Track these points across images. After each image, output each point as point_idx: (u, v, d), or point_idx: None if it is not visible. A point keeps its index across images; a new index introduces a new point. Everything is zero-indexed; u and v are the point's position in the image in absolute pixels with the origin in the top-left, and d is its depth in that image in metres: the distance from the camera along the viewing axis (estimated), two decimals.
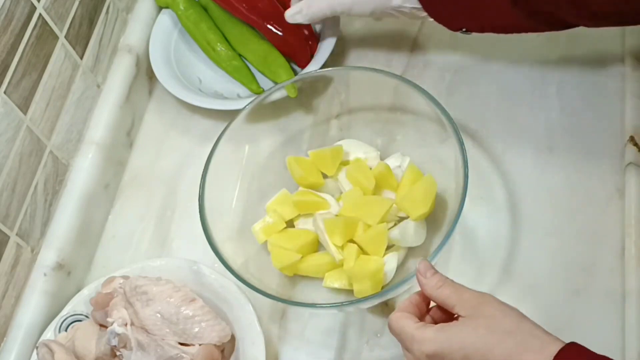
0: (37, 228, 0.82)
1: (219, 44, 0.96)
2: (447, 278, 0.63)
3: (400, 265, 0.77)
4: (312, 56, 0.91)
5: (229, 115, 0.83)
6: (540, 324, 0.72)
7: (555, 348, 0.55)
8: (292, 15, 0.86)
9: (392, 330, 0.63)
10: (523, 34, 0.77)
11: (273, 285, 0.78)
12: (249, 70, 0.95)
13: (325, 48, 0.91)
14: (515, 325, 0.58)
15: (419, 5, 0.77)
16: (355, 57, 0.96)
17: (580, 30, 0.74)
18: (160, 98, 0.98)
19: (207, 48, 0.97)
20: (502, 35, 0.92)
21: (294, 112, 0.89)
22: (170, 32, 0.99)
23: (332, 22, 0.93)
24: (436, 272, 0.64)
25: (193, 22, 0.97)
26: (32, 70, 0.78)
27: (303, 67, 0.91)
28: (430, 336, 0.59)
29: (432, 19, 0.78)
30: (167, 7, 0.99)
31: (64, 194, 0.85)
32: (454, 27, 0.79)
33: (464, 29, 0.78)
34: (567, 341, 0.55)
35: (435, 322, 0.63)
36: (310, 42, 0.93)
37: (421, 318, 0.63)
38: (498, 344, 0.56)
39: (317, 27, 0.95)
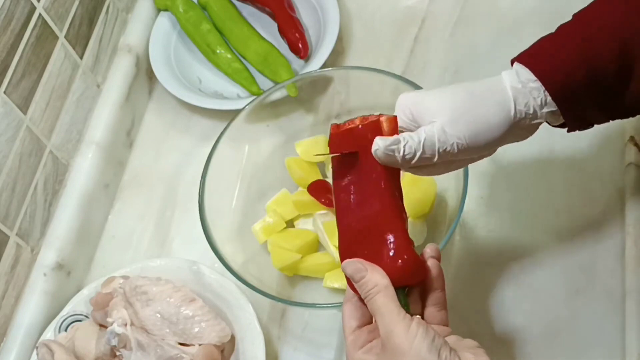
0: (37, 228, 0.82)
1: (218, 46, 0.96)
2: (383, 285, 0.54)
3: None
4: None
5: (229, 115, 0.83)
6: (541, 324, 0.73)
7: None
8: (387, 149, 0.58)
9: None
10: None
11: (273, 285, 0.78)
12: (249, 72, 0.94)
13: (326, 48, 0.91)
14: None
15: (554, 108, 0.60)
16: (355, 57, 0.96)
17: None
18: (160, 98, 0.98)
19: (207, 51, 0.96)
20: (502, 36, 0.92)
21: (294, 112, 0.89)
22: (170, 32, 0.99)
23: (331, 21, 0.93)
24: (366, 275, 0.55)
25: (193, 25, 0.97)
26: (32, 70, 0.78)
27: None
28: None
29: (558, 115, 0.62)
30: (166, 10, 0.99)
31: (63, 194, 0.85)
32: (585, 122, 0.63)
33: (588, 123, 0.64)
34: (567, 341, 0.54)
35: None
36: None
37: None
38: None
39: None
